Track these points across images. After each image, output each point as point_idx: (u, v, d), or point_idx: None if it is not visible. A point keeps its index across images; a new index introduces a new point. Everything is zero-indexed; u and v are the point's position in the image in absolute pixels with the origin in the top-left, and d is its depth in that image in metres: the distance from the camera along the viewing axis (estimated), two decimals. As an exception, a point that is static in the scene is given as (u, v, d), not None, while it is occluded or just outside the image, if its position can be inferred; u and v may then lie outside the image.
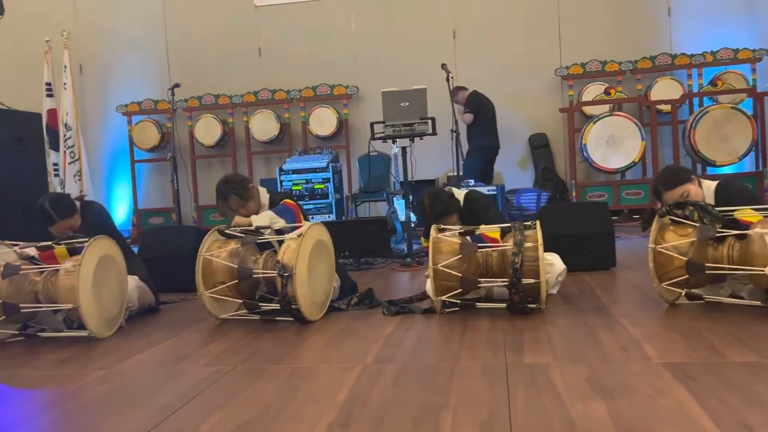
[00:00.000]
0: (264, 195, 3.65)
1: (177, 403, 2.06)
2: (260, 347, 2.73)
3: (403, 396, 2.01)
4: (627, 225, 6.71)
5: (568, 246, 3.94)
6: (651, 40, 7.74)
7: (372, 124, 5.09)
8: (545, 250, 3.47)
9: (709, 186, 3.14)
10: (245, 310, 3.18)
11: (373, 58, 8.14)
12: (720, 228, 2.79)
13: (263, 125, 8.11)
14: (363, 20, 8.22)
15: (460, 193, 3.72)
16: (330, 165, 6.75)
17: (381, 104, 4.95)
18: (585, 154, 7.12)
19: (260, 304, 3.18)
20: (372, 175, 6.43)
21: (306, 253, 3.02)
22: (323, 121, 8.00)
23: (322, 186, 6.68)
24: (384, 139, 5.08)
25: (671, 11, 7.74)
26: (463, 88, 7.02)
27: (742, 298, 2.92)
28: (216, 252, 3.18)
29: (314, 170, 6.72)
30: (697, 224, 2.84)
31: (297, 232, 3.12)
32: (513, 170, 7.99)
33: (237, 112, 8.36)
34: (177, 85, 6.98)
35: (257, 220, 3.37)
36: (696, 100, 7.40)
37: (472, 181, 6.67)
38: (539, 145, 8.01)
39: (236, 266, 3.11)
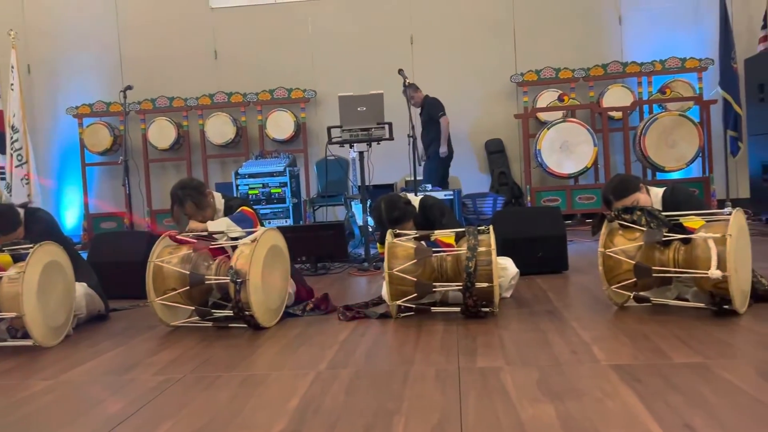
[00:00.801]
0: (219, 200, 3.61)
1: (124, 413, 2.01)
2: (212, 355, 2.69)
3: (355, 402, 2.01)
4: (580, 229, 6.85)
5: (522, 250, 4.01)
6: (603, 48, 7.93)
7: (329, 129, 5.08)
8: (499, 254, 3.53)
9: (657, 193, 3.22)
10: (197, 317, 3.13)
11: (331, 62, 8.12)
12: (666, 232, 2.87)
13: (219, 128, 8.00)
14: (321, 24, 8.20)
15: (415, 199, 3.74)
16: (287, 169, 6.70)
17: (339, 108, 4.94)
18: (539, 159, 7.24)
19: (213, 310, 3.13)
20: (330, 180, 6.41)
21: (260, 259, 2.99)
22: (280, 124, 7.95)
23: (279, 190, 6.62)
24: (341, 143, 5.07)
25: (622, 20, 7.95)
26: (419, 89, 7.08)
27: (687, 300, 3.01)
28: (167, 258, 3.12)
29: (271, 174, 6.65)
30: (645, 229, 2.91)
31: (251, 237, 3.08)
32: (470, 175, 8.07)
33: (192, 115, 8.24)
34: (129, 87, 6.84)
35: (213, 227, 3.33)
36: (646, 108, 7.60)
37: (429, 186, 6.72)
38: (495, 150, 8.11)
39: (188, 272, 3.06)
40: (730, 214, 2.76)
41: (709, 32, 7.64)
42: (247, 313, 2.93)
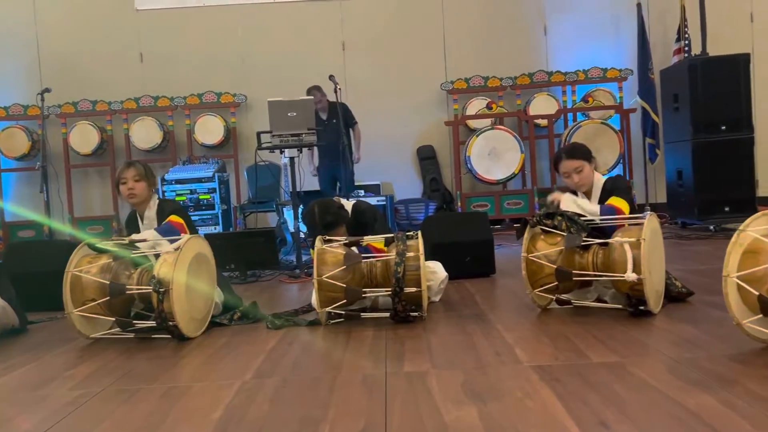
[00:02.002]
0: (154, 201, 3.52)
1: (37, 430, 1.91)
2: (133, 367, 2.60)
3: (280, 411, 1.99)
4: (508, 233, 7.01)
5: (451, 254, 4.07)
6: (529, 58, 8.16)
7: (259, 134, 5.01)
8: (429, 259, 3.58)
9: (600, 178, 3.36)
10: (118, 329, 3.02)
11: (262, 67, 8.03)
12: (585, 237, 2.98)
13: (145, 133, 7.77)
14: (251, 28, 8.10)
15: (348, 204, 3.74)
16: (216, 175, 6.57)
17: (268, 114, 4.88)
18: (469, 165, 7.38)
19: (134, 321, 3.03)
20: (261, 186, 6.32)
21: (184, 267, 2.92)
22: (209, 129, 7.79)
23: (208, 197, 6.48)
24: (271, 149, 5.01)
25: (547, 31, 8.21)
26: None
27: (606, 301, 3.13)
28: (86, 267, 3.00)
29: (199, 180, 6.51)
30: (565, 233, 3.01)
31: (175, 245, 3.00)
32: (402, 181, 8.13)
33: (116, 119, 7.96)
34: (47, 90, 6.53)
35: (137, 236, 3.23)
36: (570, 115, 7.88)
37: (362, 192, 6.73)
38: (427, 157, 8.22)
39: (108, 282, 2.95)
40: (644, 217, 2.88)
41: (629, 44, 8.00)
42: (170, 323, 2.85)
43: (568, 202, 3.17)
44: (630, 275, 2.73)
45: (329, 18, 8.12)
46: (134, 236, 3.25)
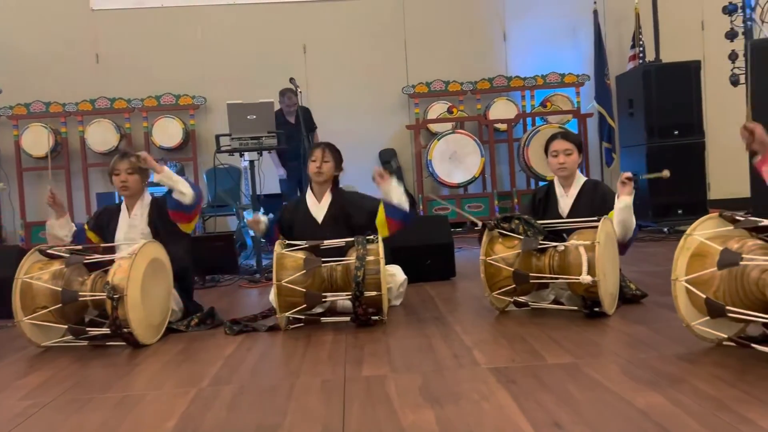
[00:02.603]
0: (147, 196, 3.54)
1: (-19, 444, 1.86)
2: (86, 375, 2.54)
3: (237, 419, 1.97)
4: (468, 237, 7.07)
5: (411, 258, 4.09)
6: (489, 63, 8.26)
7: (217, 137, 4.96)
8: (389, 262, 3.59)
9: (580, 175, 3.46)
10: (71, 336, 2.95)
11: (221, 69, 7.93)
12: (542, 240, 3.03)
13: (101, 136, 7.59)
14: (211, 30, 8.00)
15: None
16: (174, 178, 6.45)
17: (227, 116, 4.83)
18: (430, 169, 7.43)
19: (88, 328, 2.96)
20: (221, 189, 6.24)
21: (139, 273, 2.86)
22: (168, 132, 7.66)
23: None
24: (230, 152, 4.96)
25: (506, 36, 8.32)
26: None
27: (562, 303, 3.18)
28: (37, 274, 2.92)
29: (156, 183, 6.36)
30: (522, 237, 3.05)
31: (130, 250, 2.94)
32: (364, 184, 8.10)
33: (71, 121, 7.77)
34: (-2, 91, 6.35)
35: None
36: (529, 120, 8.00)
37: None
38: (388, 160, 8.23)
39: (60, 289, 2.87)
40: (598, 221, 2.95)
41: (586, 50, 8.17)
42: (125, 330, 2.80)
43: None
44: (585, 277, 2.79)
45: (290, 20, 8.08)
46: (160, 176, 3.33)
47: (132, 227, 3.42)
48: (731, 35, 5.80)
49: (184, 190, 3.32)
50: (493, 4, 8.28)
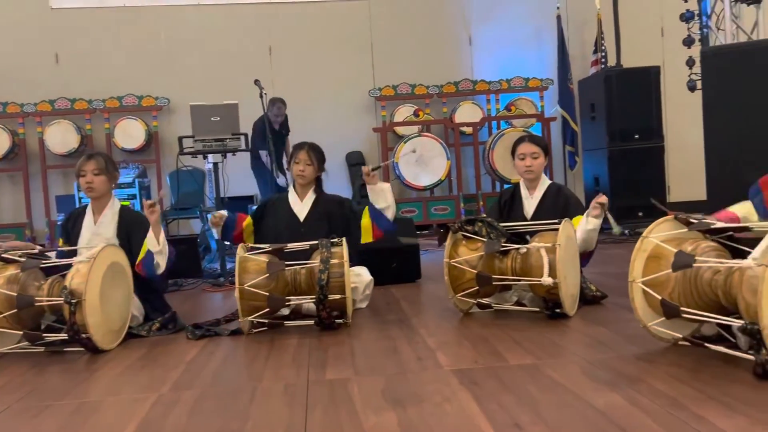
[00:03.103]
0: (115, 201, 3.45)
1: (-70, 455, 1.80)
2: (43, 382, 2.48)
3: (198, 424, 1.94)
4: (435, 239, 7.11)
5: (377, 260, 4.09)
6: (455, 66, 8.33)
7: (180, 139, 4.89)
8: (356, 263, 3.59)
9: (545, 178, 3.52)
10: (27, 342, 2.87)
11: (185, 70, 7.84)
12: (504, 242, 3.06)
13: (61, 137, 7.42)
14: (175, 30, 7.90)
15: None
16: (136, 180, 6.35)
17: (191, 118, 4.77)
18: (397, 172, 7.45)
19: (45, 334, 2.88)
20: (185, 192, 6.16)
21: (98, 277, 2.80)
22: (130, 133, 7.53)
23: (128, 203, 6.22)
24: (193, 154, 4.90)
25: (472, 41, 8.40)
26: None
27: (525, 305, 3.22)
28: (-9, 279, 2.84)
29: (118, 186, 6.23)
30: (485, 239, 3.08)
31: (88, 253, 2.88)
32: (331, 187, 8.05)
33: (29, 122, 7.58)
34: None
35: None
36: (494, 123, 8.08)
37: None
38: (356, 163, 8.22)
39: (15, 294, 2.80)
40: (560, 224, 2.99)
41: (549, 55, 8.29)
42: (83, 335, 2.74)
43: None
44: (546, 279, 2.83)
45: (255, 21, 8.02)
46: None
47: (96, 235, 3.30)
48: (688, 42, 5.95)
49: (161, 264, 3.23)
50: (458, 8, 8.35)
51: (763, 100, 4.18)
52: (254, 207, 6.15)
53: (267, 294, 2.99)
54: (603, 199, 3.16)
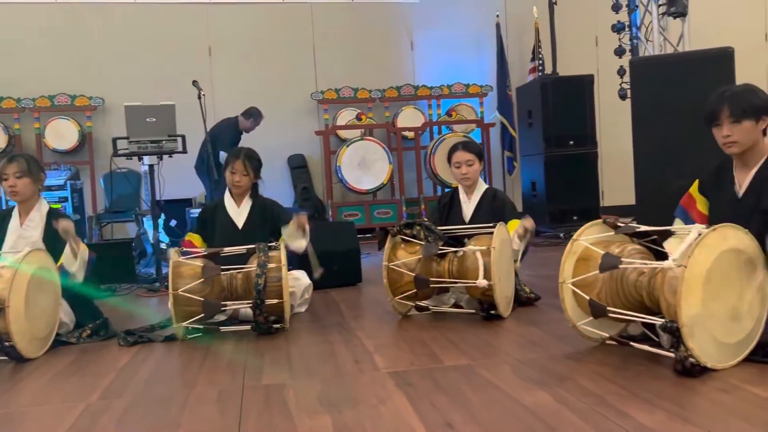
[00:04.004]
0: (42, 203, 3.34)
1: None
2: (-39, 394, 2.37)
3: (126, 433, 1.89)
4: (377, 242, 7.14)
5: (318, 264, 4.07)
6: (397, 71, 8.39)
7: (114, 140, 4.75)
8: (295, 268, 3.58)
9: (482, 183, 3.59)
10: (-55, 352, 2.73)
11: (121, 69, 7.61)
12: (442, 245, 3.10)
13: (-14, 137, 7.11)
14: (110, 28, 7.67)
15: None
16: (68, 182, 6.14)
17: (125, 119, 4.65)
18: (340, 175, 7.45)
19: (-36, 343, 2.75)
20: (120, 195, 5.99)
21: (22, 283, 2.70)
22: (62, 133, 7.25)
23: (59, 206, 6.03)
24: (128, 156, 4.77)
25: (414, 46, 8.48)
26: None
27: (462, 307, 3.27)
28: None
29: (49, 188, 6.03)
30: (423, 243, 3.12)
31: (13, 258, 2.77)
32: (272, 190, 7.97)
33: (-48, 120, 7.23)
34: None
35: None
36: (436, 128, 8.18)
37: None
38: (297, 166, 8.18)
39: (-68, 301, 2.66)
40: (495, 227, 3.05)
41: (489, 61, 8.46)
42: (7, 343, 2.63)
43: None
44: (481, 281, 2.88)
45: (194, 21, 7.88)
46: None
47: (22, 238, 3.19)
48: (619, 52, 6.19)
49: (78, 276, 3.16)
50: (401, 13, 8.43)
51: (687, 109, 4.38)
52: (192, 211, 6.08)
53: (202, 299, 2.94)
54: (529, 224, 3.25)
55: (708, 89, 2.59)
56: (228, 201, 3.69)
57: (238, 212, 3.65)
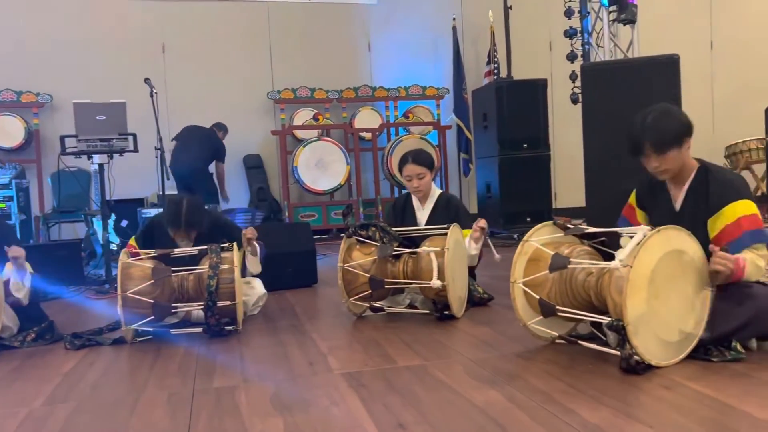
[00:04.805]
0: None
1: None
2: None
3: (70, 439, 1.84)
4: (334, 243, 7.12)
5: (273, 265, 4.03)
6: (354, 72, 8.40)
7: (62, 138, 4.62)
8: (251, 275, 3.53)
9: (435, 189, 3.59)
10: None
11: (71, 66, 7.41)
12: (397, 246, 3.12)
13: (-74, 133, 6.83)
14: (58, 22, 7.45)
15: None
16: (13, 181, 5.94)
17: (74, 117, 4.52)
18: (296, 176, 7.41)
19: None
20: (68, 194, 5.83)
21: (-38, 286, 2.60)
22: (7, 130, 7.02)
23: (3, 205, 5.83)
24: (77, 154, 4.64)
25: (371, 47, 8.50)
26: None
27: (416, 307, 3.29)
28: None
29: (-11, 190, 5.85)
30: (378, 244, 3.13)
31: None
32: (227, 189, 7.93)
33: None
34: None
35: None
36: (393, 130, 8.22)
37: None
38: (253, 166, 8.11)
39: None
40: (448, 228, 3.08)
41: (446, 64, 8.53)
42: (-55, 349, 2.52)
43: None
44: (435, 282, 2.91)
45: (148, 17, 7.73)
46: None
47: None
48: (571, 57, 6.32)
49: (23, 301, 3.05)
50: (358, 14, 8.43)
51: (635, 113, 4.49)
52: (143, 211, 5.96)
53: (152, 301, 2.89)
54: (483, 223, 3.28)
55: (655, 94, 2.67)
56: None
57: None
